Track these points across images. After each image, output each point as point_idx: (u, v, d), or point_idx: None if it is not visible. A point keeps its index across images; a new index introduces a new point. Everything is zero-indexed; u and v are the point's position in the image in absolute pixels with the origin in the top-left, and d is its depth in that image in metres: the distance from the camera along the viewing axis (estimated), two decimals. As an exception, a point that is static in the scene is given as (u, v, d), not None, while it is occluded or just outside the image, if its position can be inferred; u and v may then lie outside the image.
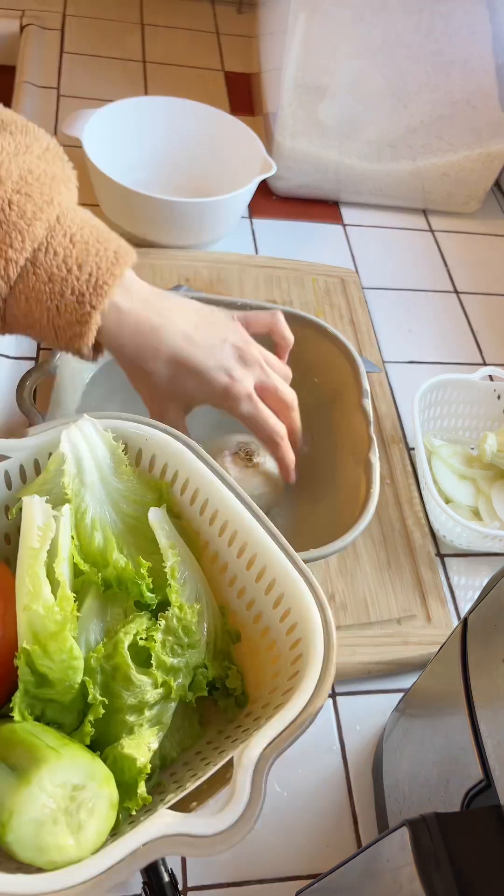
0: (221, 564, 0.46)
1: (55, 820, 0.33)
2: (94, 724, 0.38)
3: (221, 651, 0.45)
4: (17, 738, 0.36)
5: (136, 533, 0.45)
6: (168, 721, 0.41)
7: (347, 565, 0.65)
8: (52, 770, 0.33)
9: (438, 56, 0.84)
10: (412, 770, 0.47)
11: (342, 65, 0.85)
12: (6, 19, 1.14)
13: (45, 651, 0.37)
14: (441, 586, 0.66)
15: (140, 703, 0.39)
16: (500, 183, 1.10)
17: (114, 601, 0.42)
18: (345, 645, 0.60)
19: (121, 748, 0.38)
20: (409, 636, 0.62)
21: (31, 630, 0.37)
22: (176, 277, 0.82)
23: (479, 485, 0.71)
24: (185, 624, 0.41)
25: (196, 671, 0.42)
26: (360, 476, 0.60)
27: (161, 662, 0.40)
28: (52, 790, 0.33)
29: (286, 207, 0.99)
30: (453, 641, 0.42)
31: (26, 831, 0.32)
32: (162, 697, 0.40)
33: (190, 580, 0.44)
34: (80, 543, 0.43)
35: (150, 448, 0.47)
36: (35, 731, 0.36)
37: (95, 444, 0.44)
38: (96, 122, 0.83)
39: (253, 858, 0.52)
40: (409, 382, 0.82)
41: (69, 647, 0.37)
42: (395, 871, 0.33)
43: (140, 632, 0.40)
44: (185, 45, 1.18)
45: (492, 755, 0.35)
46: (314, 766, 0.56)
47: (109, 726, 0.39)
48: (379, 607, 0.63)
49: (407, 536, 0.68)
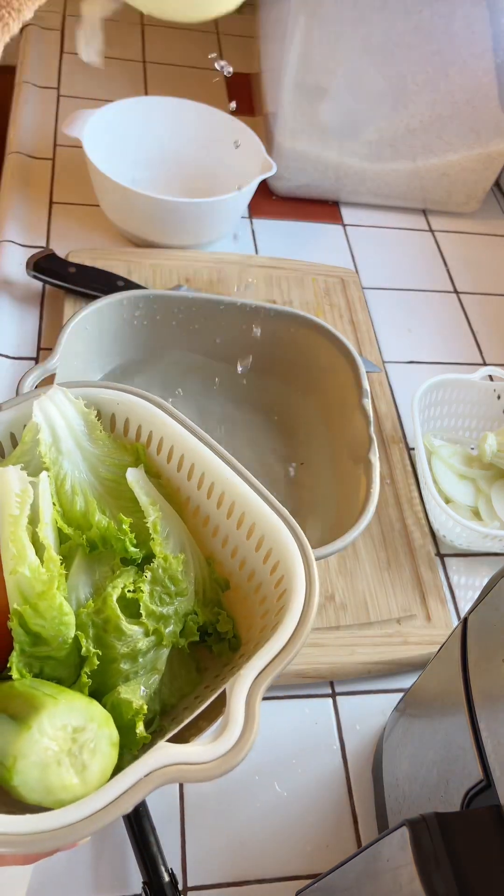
0: (203, 517, 0.47)
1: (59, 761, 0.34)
2: (90, 676, 0.39)
3: (211, 599, 0.46)
4: (15, 691, 0.37)
5: (116, 495, 0.46)
6: (162, 667, 0.42)
7: (347, 565, 0.65)
8: (51, 714, 0.34)
9: (438, 56, 0.84)
10: (412, 770, 0.47)
11: (342, 65, 0.85)
12: (6, 19, 1.14)
13: (35, 610, 0.38)
14: (441, 586, 0.66)
15: (133, 652, 0.40)
16: (499, 183, 1.10)
17: (100, 561, 0.43)
18: (345, 645, 0.60)
19: (118, 694, 0.39)
20: (409, 636, 0.62)
21: (20, 592, 0.38)
22: (176, 277, 0.82)
23: (478, 485, 0.71)
24: (171, 573, 0.42)
25: (186, 618, 0.43)
26: (360, 476, 0.60)
27: (150, 611, 0.41)
28: (53, 733, 0.34)
29: (286, 207, 0.99)
30: (453, 641, 0.42)
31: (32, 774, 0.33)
32: (154, 644, 0.41)
33: (173, 534, 0.45)
34: (62, 509, 0.44)
35: (123, 412, 0.48)
36: (33, 684, 0.38)
37: (68, 412, 0.45)
38: (96, 122, 0.83)
39: (253, 858, 0.52)
40: (409, 382, 0.82)
41: (59, 604, 0.38)
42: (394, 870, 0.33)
43: (128, 584, 0.41)
44: (184, 45, 1.18)
45: (491, 755, 0.35)
46: (314, 765, 0.56)
47: (106, 676, 0.40)
48: (379, 607, 0.63)
49: (407, 536, 0.68)
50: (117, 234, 0.89)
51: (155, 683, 0.41)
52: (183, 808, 0.53)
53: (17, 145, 0.96)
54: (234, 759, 0.33)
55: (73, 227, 0.89)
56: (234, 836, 0.52)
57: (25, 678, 0.38)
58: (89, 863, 0.50)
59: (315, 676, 0.59)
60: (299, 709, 0.59)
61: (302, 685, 0.60)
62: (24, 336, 0.77)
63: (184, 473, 0.47)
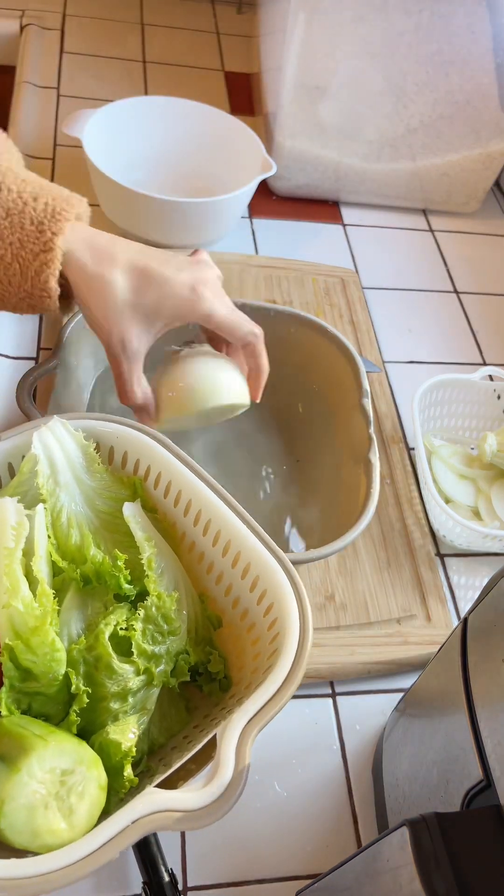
0: (198, 553, 0.47)
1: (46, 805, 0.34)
2: (79, 714, 0.39)
3: (203, 637, 0.45)
4: (4, 730, 0.36)
5: (112, 528, 0.45)
6: (152, 707, 0.41)
7: (347, 565, 0.65)
8: (40, 757, 0.34)
9: (438, 56, 0.84)
10: (412, 770, 0.47)
11: (342, 65, 0.85)
12: (6, 19, 1.14)
13: (27, 646, 0.38)
14: (441, 586, 0.66)
15: (123, 691, 0.40)
16: (499, 183, 1.10)
17: (94, 596, 0.43)
18: (345, 645, 0.60)
19: (106, 734, 0.39)
20: (409, 636, 0.62)
21: (11, 627, 0.38)
22: (176, 277, 0.82)
23: (479, 485, 0.71)
24: (164, 612, 0.42)
25: (178, 657, 0.43)
26: (360, 476, 0.60)
27: (142, 650, 0.41)
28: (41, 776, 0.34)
29: (286, 207, 0.99)
30: (453, 641, 0.42)
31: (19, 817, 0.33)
32: (144, 684, 0.41)
33: (167, 570, 0.44)
34: (58, 541, 0.43)
35: (122, 445, 0.48)
36: (22, 722, 0.37)
37: (67, 444, 0.45)
38: (96, 122, 0.83)
39: (253, 858, 0.52)
40: (409, 382, 0.82)
41: (51, 640, 0.38)
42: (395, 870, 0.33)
43: (120, 622, 0.41)
44: (184, 45, 1.18)
45: (491, 755, 0.35)
46: (314, 765, 0.56)
47: (95, 715, 0.40)
48: (379, 607, 0.63)
49: (407, 536, 0.68)
50: (117, 234, 0.89)
51: (144, 724, 0.41)
52: (183, 808, 0.53)
53: (16, 145, 0.96)
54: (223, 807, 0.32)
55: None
56: (234, 836, 0.52)
57: (14, 715, 0.38)
58: (89, 863, 0.50)
59: (315, 676, 0.59)
60: (299, 709, 0.59)
61: (302, 685, 0.60)
62: (24, 336, 0.77)
63: (180, 509, 0.47)
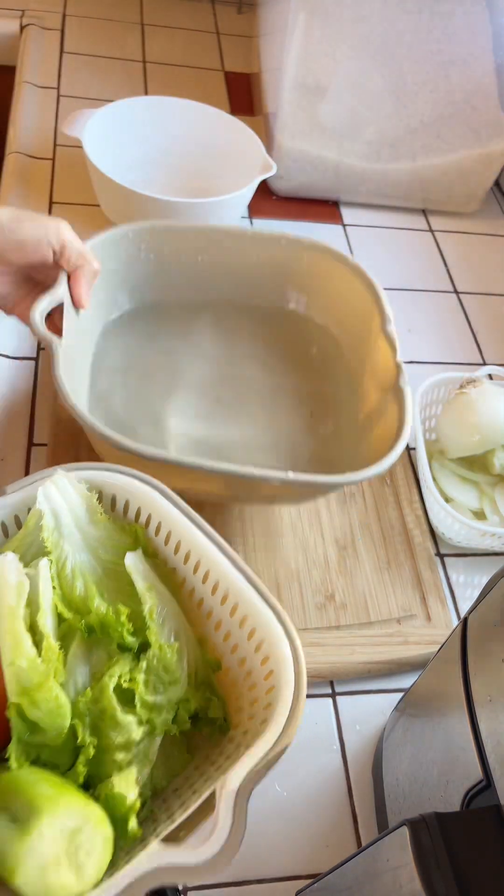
0: (198, 600, 0.48)
1: (58, 862, 0.36)
2: (86, 765, 0.41)
3: (203, 681, 0.47)
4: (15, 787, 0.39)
5: (115, 577, 0.47)
6: (154, 756, 0.44)
7: (347, 564, 0.65)
8: (50, 820, 0.37)
9: (438, 56, 0.84)
10: (412, 770, 0.47)
11: (342, 65, 0.85)
12: (6, 19, 1.14)
13: (32, 702, 0.39)
14: (441, 586, 0.66)
15: (127, 742, 0.42)
16: (499, 183, 1.10)
17: (98, 644, 0.45)
18: (345, 644, 0.60)
19: (111, 787, 0.40)
20: (410, 636, 0.62)
21: (17, 683, 0.40)
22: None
23: (482, 487, 0.71)
24: (165, 663, 0.43)
25: (179, 705, 0.44)
26: (390, 404, 0.60)
27: (144, 702, 0.42)
28: (52, 837, 0.36)
29: (286, 207, 0.99)
30: (453, 641, 0.42)
31: (32, 875, 0.36)
32: (147, 734, 0.42)
33: (168, 619, 0.46)
34: (62, 591, 0.45)
35: (123, 495, 0.50)
36: (32, 779, 0.39)
37: (70, 496, 0.47)
38: (96, 122, 0.83)
39: (253, 858, 0.52)
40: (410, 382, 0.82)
41: (55, 696, 0.40)
42: (395, 870, 0.33)
43: (123, 674, 0.43)
44: (184, 45, 1.18)
45: (491, 755, 0.35)
46: (314, 765, 0.56)
47: (101, 765, 0.42)
48: (379, 607, 0.63)
49: (407, 535, 0.68)
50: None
51: (147, 773, 0.43)
52: (183, 807, 0.53)
53: (17, 145, 0.96)
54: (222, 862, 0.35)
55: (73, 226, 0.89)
56: (234, 836, 0.52)
57: (22, 767, 0.40)
58: (89, 863, 0.50)
59: (315, 676, 0.59)
60: (299, 709, 0.59)
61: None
62: (24, 336, 0.77)
63: (180, 557, 0.48)
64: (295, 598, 0.62)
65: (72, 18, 1.16)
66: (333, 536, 0.67)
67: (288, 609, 0.61)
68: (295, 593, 0.62)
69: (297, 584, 0.63)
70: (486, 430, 0.67)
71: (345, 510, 0.68)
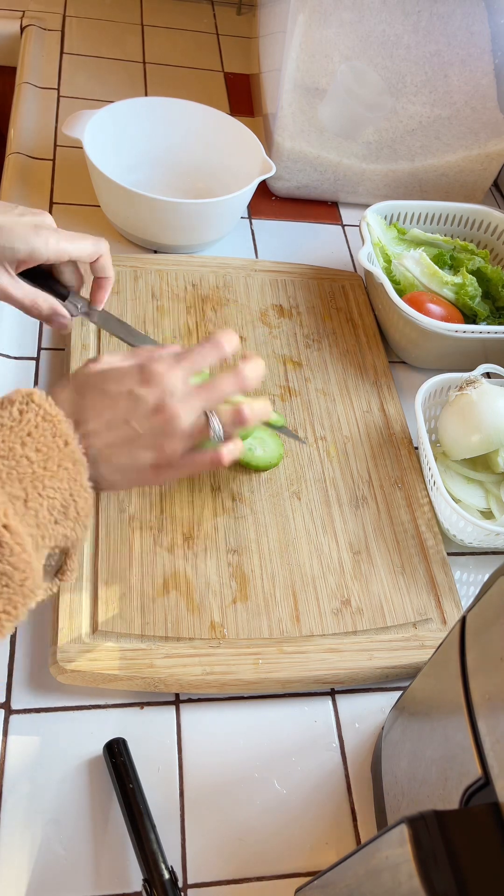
0: None
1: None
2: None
3: None
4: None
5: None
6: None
7: (362, 569, 0.65)
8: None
9: (437, 57, 0.84)
10: (411, 768, 0.47)
11: (341, 66, 0.85)
12: (6, 20, 1.14)
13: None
14: (455, 588, 0.65)
15: None
16: (498, 183, 1.11)
17: None
18: (362, 650, 0.60)
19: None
20: (426, 639, 0.61)
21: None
22: (182, 282, 0.82)
23: (487, 487, 0.71)
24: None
25: None
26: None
27: None
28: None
29: (285, 208, 0.99)
30: (452, 639, 0.42)
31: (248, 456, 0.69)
32: None
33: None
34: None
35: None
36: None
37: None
38: (96, 122, 0.83)
39: (252, 856, 0.52)
40: (412, 383, 0.82)
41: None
42: (394, 867, 0.33)
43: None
44: (184, 46, 1.18)
45: (490, 753, 0.35)
46: (313, 763, 0.57)
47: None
48: (395, 611, 0.63)
49: (419, 539, 0.68)
50: (118, 235, 0.89)
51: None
52: (183, 805, 0.53)
53: (17, 145, 0.96)
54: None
55: (73, 227, 0.88)
56: (234, 834, 0.53)
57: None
58: (90, 860, 0.50)
59: (333, 682, 0.59)
60: (299, 707, 0.59)
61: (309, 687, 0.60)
62: (25, 336, 0.77)
63: None
64: (311, 604, 0.62)
65: (72, 19, 1.17)
66: (347, 541, 0.66)
67: (305, 615, 0.61)
68: (311, 599, 0.62)
69: (314, 589, 0.63)
70: (487, 430, 0.67)
71: (357, 515, 0.68)
